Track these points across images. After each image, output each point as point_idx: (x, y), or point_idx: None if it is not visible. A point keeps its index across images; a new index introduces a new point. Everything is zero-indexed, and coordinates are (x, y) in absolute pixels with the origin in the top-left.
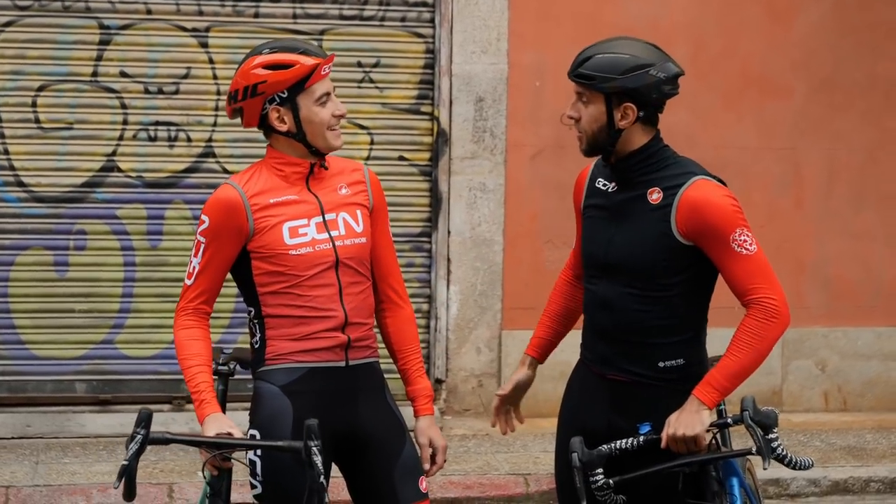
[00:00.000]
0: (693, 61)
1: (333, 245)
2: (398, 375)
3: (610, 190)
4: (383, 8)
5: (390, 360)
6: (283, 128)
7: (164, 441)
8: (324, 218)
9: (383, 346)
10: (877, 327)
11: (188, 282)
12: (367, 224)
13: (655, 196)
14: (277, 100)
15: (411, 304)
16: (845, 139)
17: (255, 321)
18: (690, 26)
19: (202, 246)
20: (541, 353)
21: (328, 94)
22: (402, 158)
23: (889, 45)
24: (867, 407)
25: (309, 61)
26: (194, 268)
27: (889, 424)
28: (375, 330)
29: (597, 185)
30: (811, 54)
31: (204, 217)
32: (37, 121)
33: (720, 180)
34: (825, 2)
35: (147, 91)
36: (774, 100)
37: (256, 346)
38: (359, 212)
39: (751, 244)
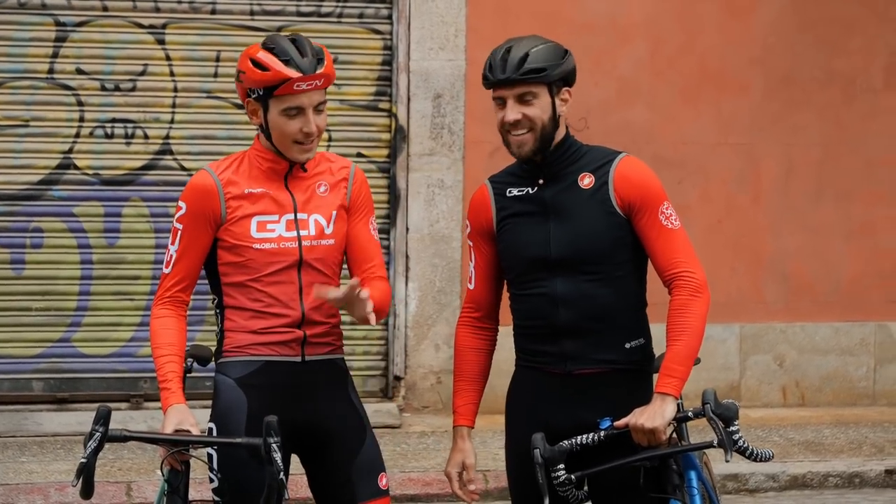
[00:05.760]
0: (651, 57)
1: (300, 244)
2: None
3: (532, 191)
4: (341, 4)
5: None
6: (256, 121)
7: (123, 438)
8: (296, 217)
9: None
10: (834, 322)
11: (166, 270)
12: (341, 226)
13: (587, 181)
14: (256, 94)
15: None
16: (803, 135)
17: (218, 311)
18: (649, 23)
19: (179, 233)
20: (471, 418)
21: (300, 109)
22: (360, 155)
23: (846, 41)
24: (825, 402)
25: (284, 72)
26: (172, 256)
27: (847, 419)
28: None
29: (508, 195)
30: (769, 50)
31: (181, 203)
32: None
33: None
34: None
35: (104, 88)
36: (732, 95)
37: (218, 337)
38: (333, 212)
39: (675, 219)
